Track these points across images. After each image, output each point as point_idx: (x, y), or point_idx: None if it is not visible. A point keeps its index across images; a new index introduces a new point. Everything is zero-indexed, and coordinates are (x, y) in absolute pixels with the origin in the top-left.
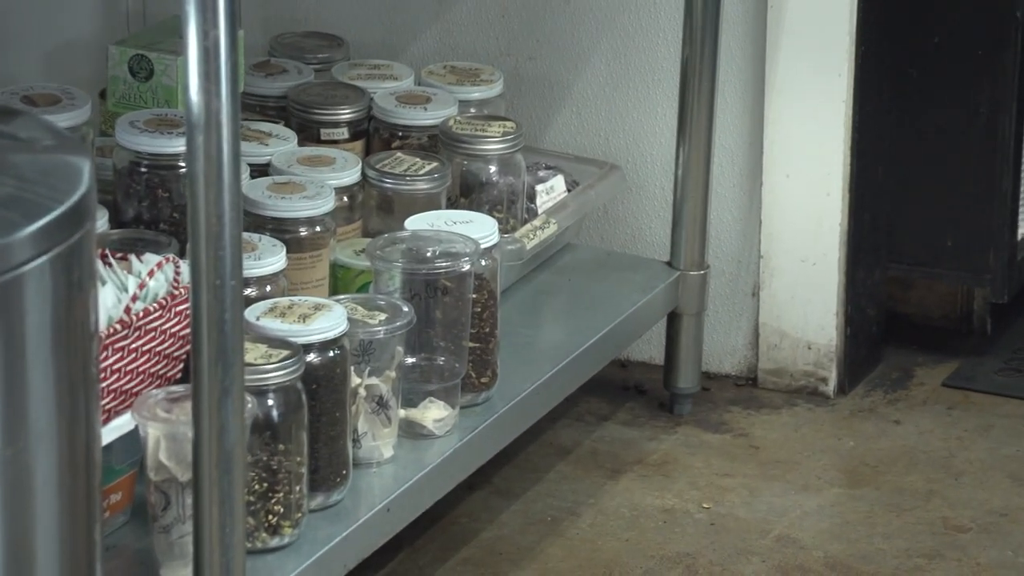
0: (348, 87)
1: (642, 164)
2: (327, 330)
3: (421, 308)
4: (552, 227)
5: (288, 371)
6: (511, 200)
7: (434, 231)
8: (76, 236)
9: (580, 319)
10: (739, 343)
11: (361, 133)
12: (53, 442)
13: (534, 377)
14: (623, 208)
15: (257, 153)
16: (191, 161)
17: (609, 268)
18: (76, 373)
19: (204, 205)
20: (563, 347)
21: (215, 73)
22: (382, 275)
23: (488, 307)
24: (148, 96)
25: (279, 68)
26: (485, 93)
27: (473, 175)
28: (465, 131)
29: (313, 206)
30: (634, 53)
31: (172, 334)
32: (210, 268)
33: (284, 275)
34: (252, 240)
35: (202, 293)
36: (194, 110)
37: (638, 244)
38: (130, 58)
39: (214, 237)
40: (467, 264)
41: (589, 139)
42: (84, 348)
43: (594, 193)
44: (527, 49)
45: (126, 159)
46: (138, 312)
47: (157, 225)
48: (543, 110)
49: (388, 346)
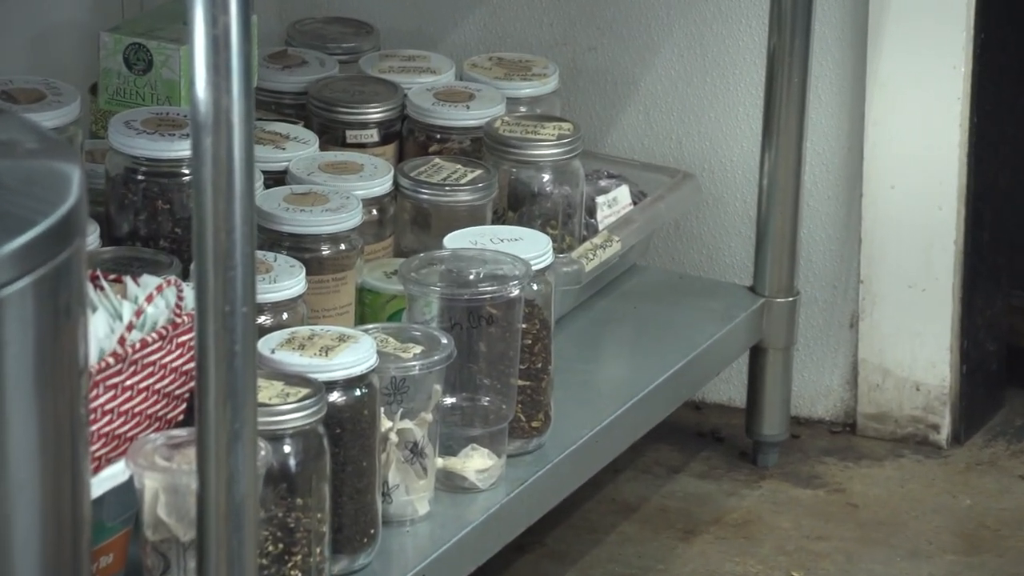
0: (378, 82)
1: (720, 172)
2: (353, 365)
3: (462, 340)
4: (615, 246)
5: (308, 413)
6: (567, 214)
7: (478, 250)
8: (63, 255)
9: (647, 353)
10: (834, 383)
11: (393, 136)
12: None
13: (594, 421)
14: (698, 224)
15: (273, 158)
16: (197, 167)
17: (681, 294)
18: (62, 414)
19: (212, 219)
20: (627, 386)
21: (225, 65)
22: (417, 301)
23: (540, 339)
24: (146, 92)
25: (298, 59)
26: (538, 89)
27: (523, 185)
28: (514, 133)
29: (337, 220)
30: (712, 42)
31: (174, 369)
32: (218, 292)
33: (304, 301)
34: (267, 260)
35: (209, 321)
36: (200, 108)
37: (715, 266)
38: (126, 47)
39: (223, 256)
40: (516, 289)
41: (659, 143)
42: (72, 385)
43: (664, 206)
44: (587, 38)
45: (121, 165)
46: (134, 343)
47: (156, 242)
48: (605, 109)
49: (424, 384)
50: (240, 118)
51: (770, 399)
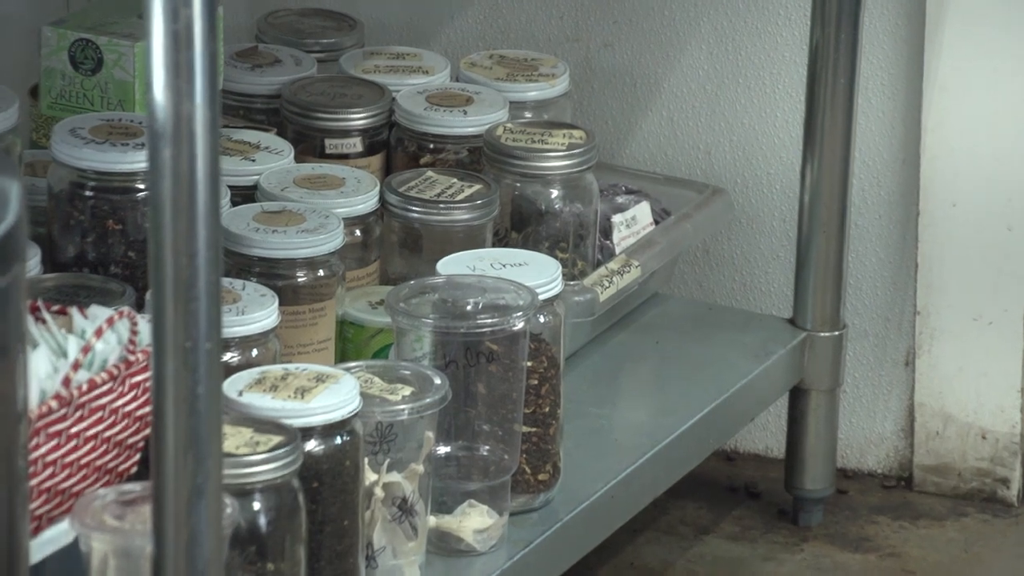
0: (362, 83)
1: (755, 187)
2: (333, 409)
3: (459, 380)
4: (634, 271)
5: (280, 464)
6: (579, 235)
7: (476, 277)
8: None
9: (671, 396)
10: (887, 430)
11: (379, 145)
12: None
13: (609, 474)
14: (730, 246)
15: (241, 172)
16: (154, 182)
17: (711, 327)
18: None
19: (171, 241)
20: (648, 434)
21: (187, 65)
22: (407, 335)
23: (548, 379)
24: (95, 95)
25: (270, 58)
26: (545, 92)
27: (529, 202)
28: (518, 143)
29: (315, 242)
30: (745, 38)
31: (126, 414)
32: (178, 326)
33: (276, 335)
34: (234, 289)
35: (167, 359)
36: (158, 114)
37: (750, 295)
38: (72, 44)
39: (184, 284)
40: (520, 321)
41: (684, 153)
42: (8, 433)
43: (691, 226)
44: (602, 32)
45: (65, 179)
46: (81, 385)
47: (107, 267)
48: (623, 114)
49: (414, 431)
50: (204, 125)
51: (813, 449)
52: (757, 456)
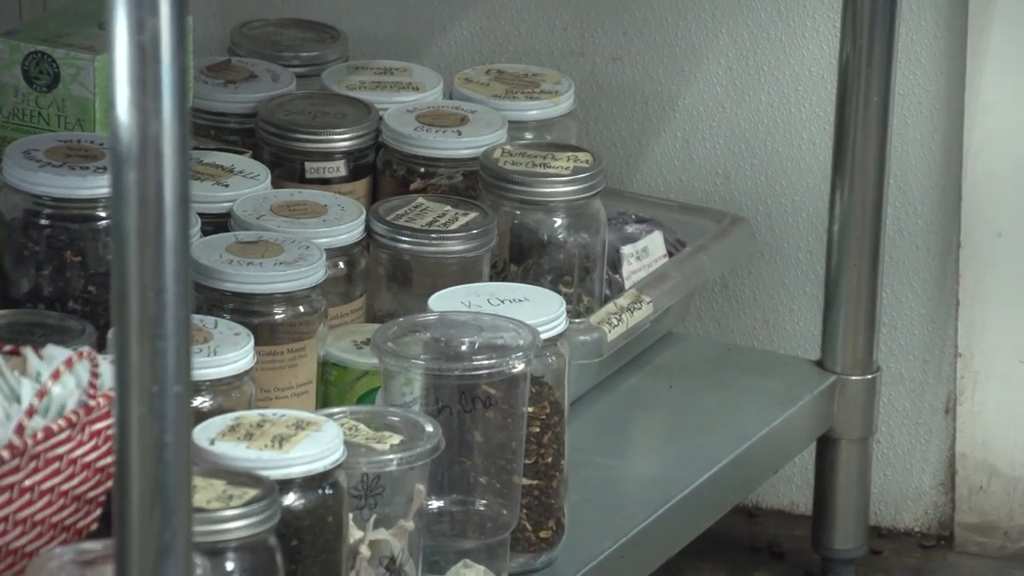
0: (346, 100)
1: (779, 215)
2: (314, 459)
3: (453, 427)
4: (645, 308)
5: (256, 520)
6: (585, 268)
7: (472, 314)
8: None
9: (686, 445)
10: (925, 484)
11: (365, 169)
12: None
13: (618, 532)
14: (751, 281)
15: (213, 198)
16: (117, 209)
17: (730, 369)
18: None
19: (136, 274)
20: (661, 486)
21: (153, 81)
22: (395, 378)
23: (551, 426)
24: (51, 113)
25: (244, 72)
26: (548, 111)
27: (529, 231)
28: (518, 166)
29: (294, 276)
30: (768, 51)
31: (86, 465)
32: (144, 368)
33: (252, 378)
34: (205, 326)
35: (131, 405)
36: (121, 135)
37: (773, 334)
38: (25, 57)
39: (150, 322)
40: (520, 363)
41: (701, 178)
42: None
43: (708, 258)
44: (610, 45)
45: (19, 206)
46: (36, 433)
47: (65, 303)
48: (633, 136)
49: (404, 483)
50: (172, 147)
51: (843, 504)
52: (781, 512)
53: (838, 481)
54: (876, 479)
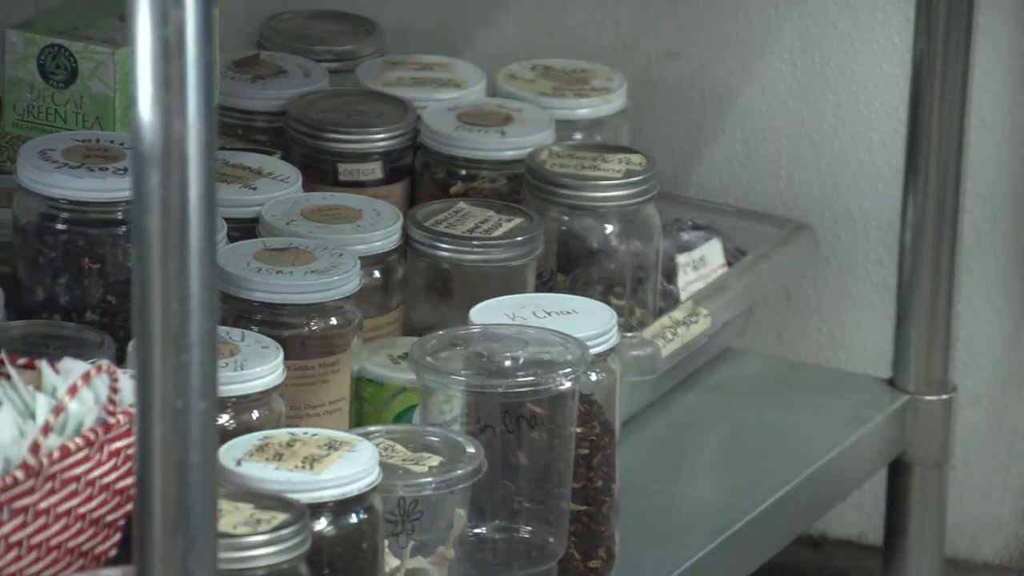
0: (382, 98)
1: (847, 222)
2: (348, 481)
3: (496, 449)
4: (703, 322)
5: (286, 546)
6: (638, 278)
7: (516, 327)
8: None
9: (746, 470)
10: (1005, 512)
11: (402, 171)
12: None
13: (673, 562)
14: (816, 293)
15: (240, 201)
16: (138, 214)
17: (793, 388)
18: None
19: (158, 283)
20: (719, 514)
21: (178, 77)
22: (435, 395)
23: (601, 448)
24: (68, 111)
25: (274, 68)
26: (598, 109)
27: (578, 239)
28: (566, 169)
29: (327, 285)
30: (835, 45)
31: (104, 487)
32: (167, 383)
33: (281, 394)
34: (232, 339)
35: (154, 422)
36: (144, 134)
37: (840, 350)
38: (41, 50)
39: (173, 333)
40: (568, 380)
41: (763, 182)
42: None
43: (770, 268)
44: (665, 39)
45: (34, 210)
46: (51, 452)
47: (82, 314)
48: (689, 136)
49: (443, 508)
50: (197, 147)
51: (916, 535)
52: (849, 543)
53: (911, 509)
54: (952, 507)
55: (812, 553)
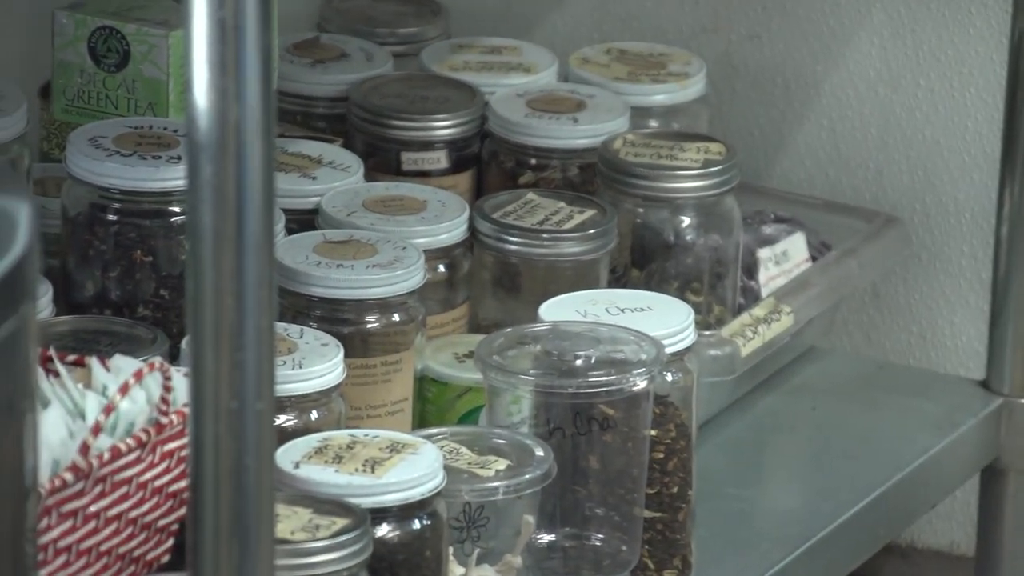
0: (448, 83)
1: (939, 215)
2: (410, 485)
3: (566, 452)
4: (785, 320)
5: (346, 553)
6: (717, 274)
7: (588, 324)
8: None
9: (831, 475)
10: None
11: (469, 160)
12: None
13: (753, 571)
14: (906, 290)
15: (299, 191)
16: (193, 204)
17: (881, 390)
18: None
19: (213, 277)
20: (801, 522)
21: (234, 60)
22: (502, 396)
23: (677, 452)
24: (120, 96)
25: (335, 51)
26: (676, 95)
27: (654, 232)
28: (641, 158)
29: (389, 280)
30: (928, 28)
31: (157, 490)
32: (222, 381)
33: (341, 394)
34: (290, 336)
35: (207, 422)
36: (199, 121)
37: (931, 350)
38: (92, 33)
39: (229, 330)
40: (643, 380)
41: (850, 173)
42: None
43: (857, 264)
44: (747, 21)
45: (83, 200)
46: (102, 453)
47: (134, 309)
48: (772, 124)
49: (510, 514)
50: (255, 135)
51: (1011, 544)
52: (939, 553)
53: (1005, 517)
54: None
55: (900, 563)
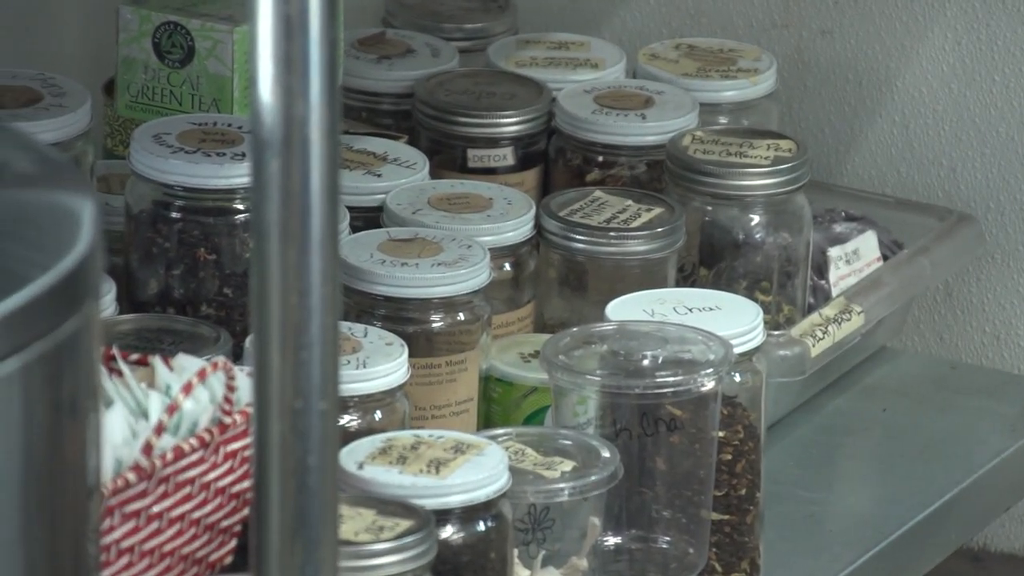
0: (515, 79)
1: (1014, 213)
2: (475, 487)
3: (632, 453)
4: (856, 319)
5: (411, 555)
6: (787, 273)
7: (656, 324)
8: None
9: (902, 478)
10: None
11: (536, 157)
12: None
13: (822, 574)
14: (980, 289)
15: (365, 189)
16: (258, 202)
17: (953, 391)
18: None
19: (278, 275)
20: (872, 525)
21: (300, 56)
22: (568, 396)
23: (745, 453)
24: (184, 92)
25: (401, 47)
26: (746, 91)
27: (723, 230)
28: (711, 156)
29: (455, 278)
30: (1003, 22)
31: (220, 490)
32: (286, 381)
33: (405, 394)
34: (354, 335)
35: (272, 423)
36: (264, 118)
37: (1005, 350)
38: (156, 28)
39: (293, 329)
40: (711, 381)
41: (923, 171)
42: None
43: (930, 263)
44: (819, 16)
45: (147, 197)
46: (165, 453)
47: (197, 307)
48: (844, 121)
49: (576, 516)
50: (320, 131)
51: None
52: (1012, 557)
53: None
54: None
55: (972, 568)
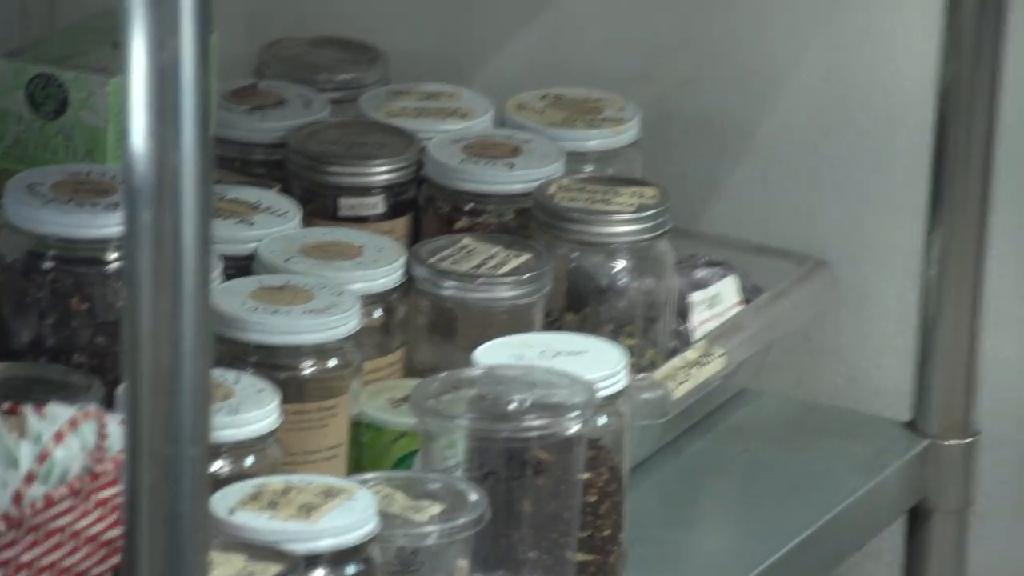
0: (385, 129)
1: (868, 258)
2: (345, 531)
3: (499, 496)
4: (717, 362)
5: None
6: (650, 317)
7: (523, 368)
8: None
9: (762, 517)
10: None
11: (406, 205)
12: None
13: None
14: (835, 332)
15: (237, 238)
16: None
17: (811, 432)
18: None
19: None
20: (732, 563)
21: (173, 107)
22: (437, 440)
23: (609, 495)
24: (58, 143)
25: (273, 98)
26: (610, 140)
27: (588, 276)
28: (576, 203)
29: (325, 325)
30: (857, 70)
31: (90, 538)
32: (157, 428)
33: (277, 439)
34: (226, 382)
35: (143, 470)
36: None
37: (860, 392)
38: (30, 80)
39: (165, 377)
40: (576, 424)
41: (781, 217)
42: None
43: (789, 306)
44: (682, 67)
45: (20, 247)
46: (35, 502)
47: (70, 356)
48: (705, 169)
49: (445, 558)
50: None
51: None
52: None
53: (931, 557)
54: (974, 556)
55: None
